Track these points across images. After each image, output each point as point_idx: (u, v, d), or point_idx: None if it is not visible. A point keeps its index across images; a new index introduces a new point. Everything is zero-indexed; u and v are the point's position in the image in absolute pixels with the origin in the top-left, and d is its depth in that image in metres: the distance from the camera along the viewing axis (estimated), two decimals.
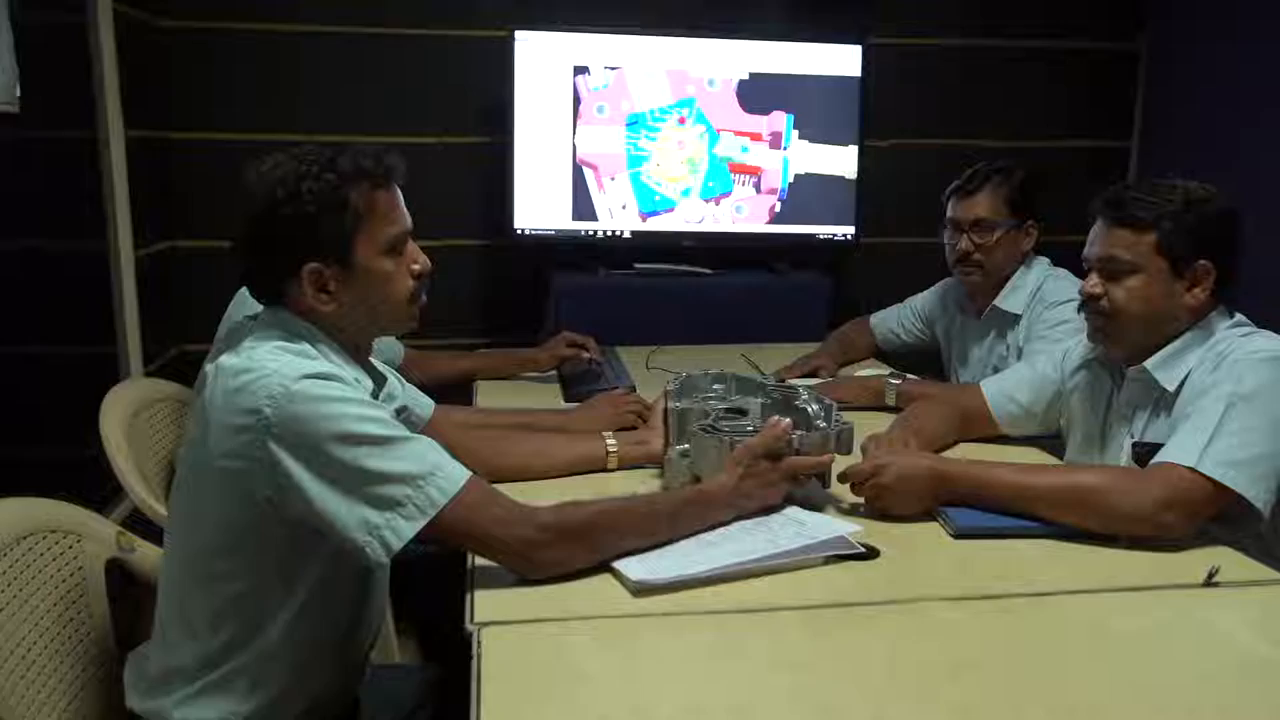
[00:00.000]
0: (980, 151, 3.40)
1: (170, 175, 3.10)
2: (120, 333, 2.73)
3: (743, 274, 3.14)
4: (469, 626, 1.15)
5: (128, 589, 1.55)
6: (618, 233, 3.10)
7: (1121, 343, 1.62)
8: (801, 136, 3.14)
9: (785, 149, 3.14)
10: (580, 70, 3.03)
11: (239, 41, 3.08)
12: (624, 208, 3.10)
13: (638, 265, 3.07)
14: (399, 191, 1.33)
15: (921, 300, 2.61)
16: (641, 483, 1.66)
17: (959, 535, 1.43)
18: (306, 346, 1.28)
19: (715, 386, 1.81)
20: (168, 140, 3.09)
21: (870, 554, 1.35)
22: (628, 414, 1.89)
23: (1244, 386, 1.44)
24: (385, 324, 1.38)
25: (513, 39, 2.97)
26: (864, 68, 3.14)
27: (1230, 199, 1.60)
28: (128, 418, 2.00)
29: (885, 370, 2.44)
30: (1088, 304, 1.63)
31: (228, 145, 3.11)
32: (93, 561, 1.46)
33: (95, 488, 2.36)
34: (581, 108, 3.04)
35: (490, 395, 2.24)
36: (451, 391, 2.14)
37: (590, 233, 3.08)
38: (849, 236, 3.21)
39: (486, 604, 1.20)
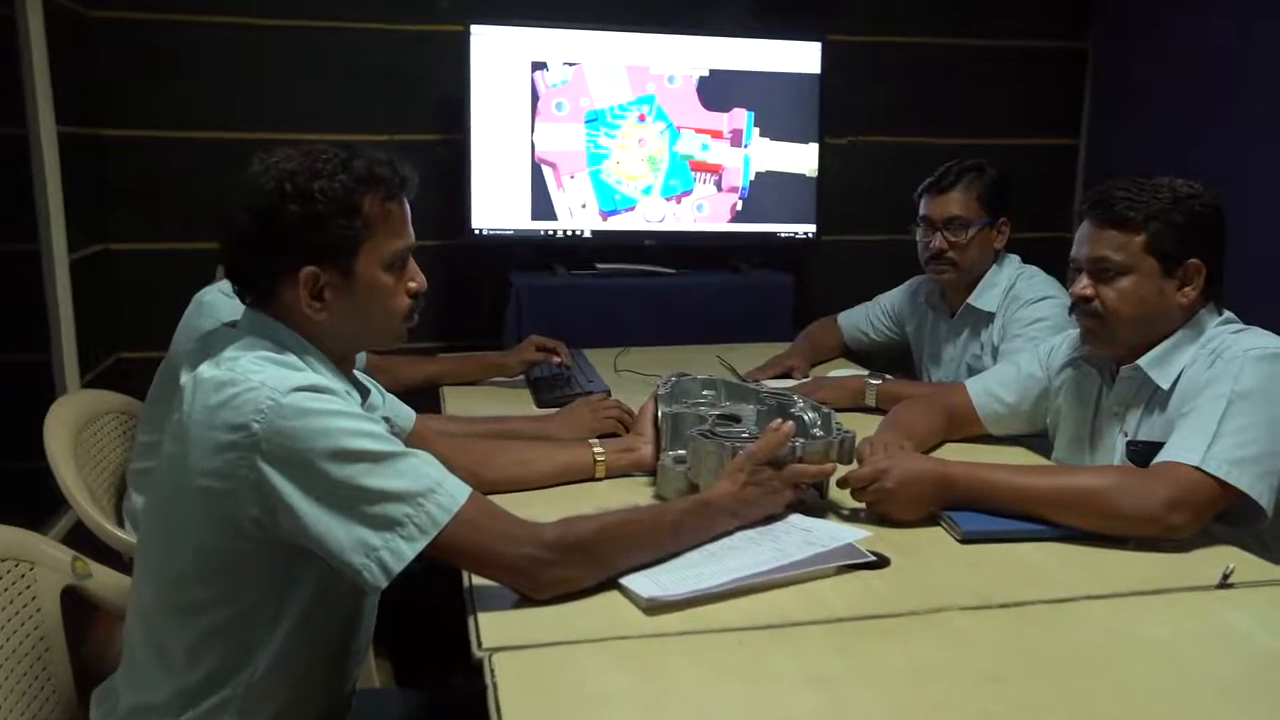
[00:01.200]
0: (934, 149, 3.44)
1: (104, 174, 2.95)
2: (55, 340, 2.59)
3: (705, 273, 3.11)
4: (477, 652, 1.08)
5: (86, 618, 1.45)
6: (578, 232, 3.04)
7: (1115, 344, 1.61)
8: (763, 134, 3.11)
9: (746, 146, 3.11)
10: (538, 66, 2.96)
11: (177, 34, 2.94)
12: (584, 207, 3.04)
13: (599, 265, 3.01)
14: (408, 205, 1.26)
15: (890, 299, 2.59)
16: (631, 491, 1.60)
17: (966, 540, 1.40)
18: (293, 358, 1.20)
19: (705, 392, 1.77)
20: (100, 137, 2.94)
21: (881, 562, 1.32)
22: (608, 419, 1.84)
23: (1241, 384, 1.44)
24: (374, 339, 1.31)
25: (468, 33, 2.89)
26: (824, 64, 3.12)
27: (1216, 196, 1.60)
28: (73, 434, 1.89)
29: (859, 370, 2.42)
30: (1079, 306, 1.62)
31: (165, 143, 2.98)
32: (47, 590, 1.37)
33: (35, 503, 2.23)
34: (540, 105, 2.97)
35: (458, 402, 2.16)
36: (416, 398, 2.06)
37: (550, 232, 3.01)
38: (810, 234, 3.19)
39: (492, 628, 1.13)
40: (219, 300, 1.78)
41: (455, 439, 1.61)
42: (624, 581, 1.22)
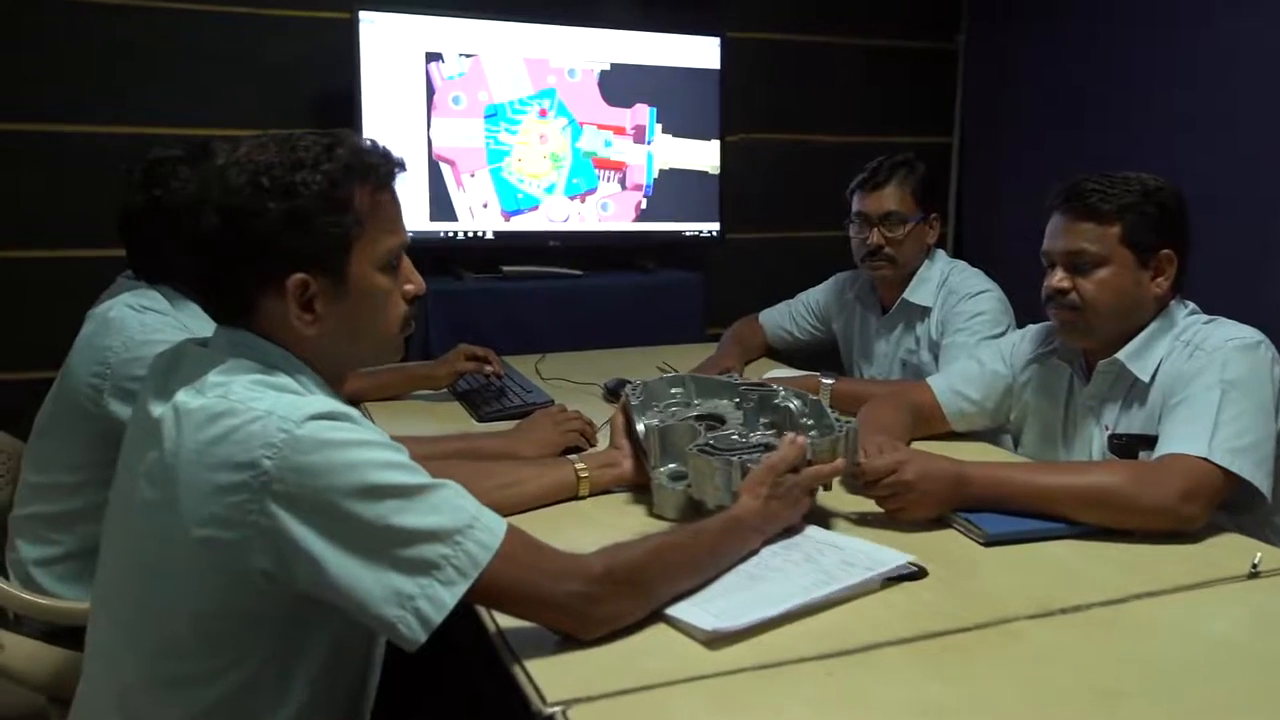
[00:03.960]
0: (823, 147, 3.48)
1: None
2: None
3: (613, 274, 3.02)
4: (545, 709, 0.95)
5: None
6: (479, 234, 2.88)
7: (1093, 336, 1.62)
8: (665, 130, 3.04)
9: (649, 143, 3.03)
10: (433, 58, 2.78)
11: (22, 13, 2.59)
12: (485, 206, 2.88)
13: (504, 268, 2.86)
14: (398, 196, 1.11)
15: (814, 296, 2.56)
16: (619, 510, 1.50)
17: (990, 543, 1.36)
18: (286, 379, 1.03)
19: (674, 391, 1.67)
20: None
21: (920, 573, 1.26)
22: (570, 432, 1.72)
23: (1229, 374, 1.46)
24: (369, 353, 1.15)
25: (357, 20, 2.68)
26: (723, 60, 3.08)
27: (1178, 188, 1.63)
28: None
29: (788, 370, 2.39)
30: (1055, 299, 1.62)
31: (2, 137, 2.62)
32: None
33: None
34: (435, 98, 2.79)
35: (385, 420, 1.95)
36: None
37: (450, 234, 2.84)
38: (714, 233, 3.14)
39: (550, 678, 1.00)
40: (152, 320, 1.56)
41: (434, 463, 1.44)
42: (673, 613, 1.11)
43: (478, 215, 2.86)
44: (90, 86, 2.66)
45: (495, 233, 2.89)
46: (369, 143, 1.09)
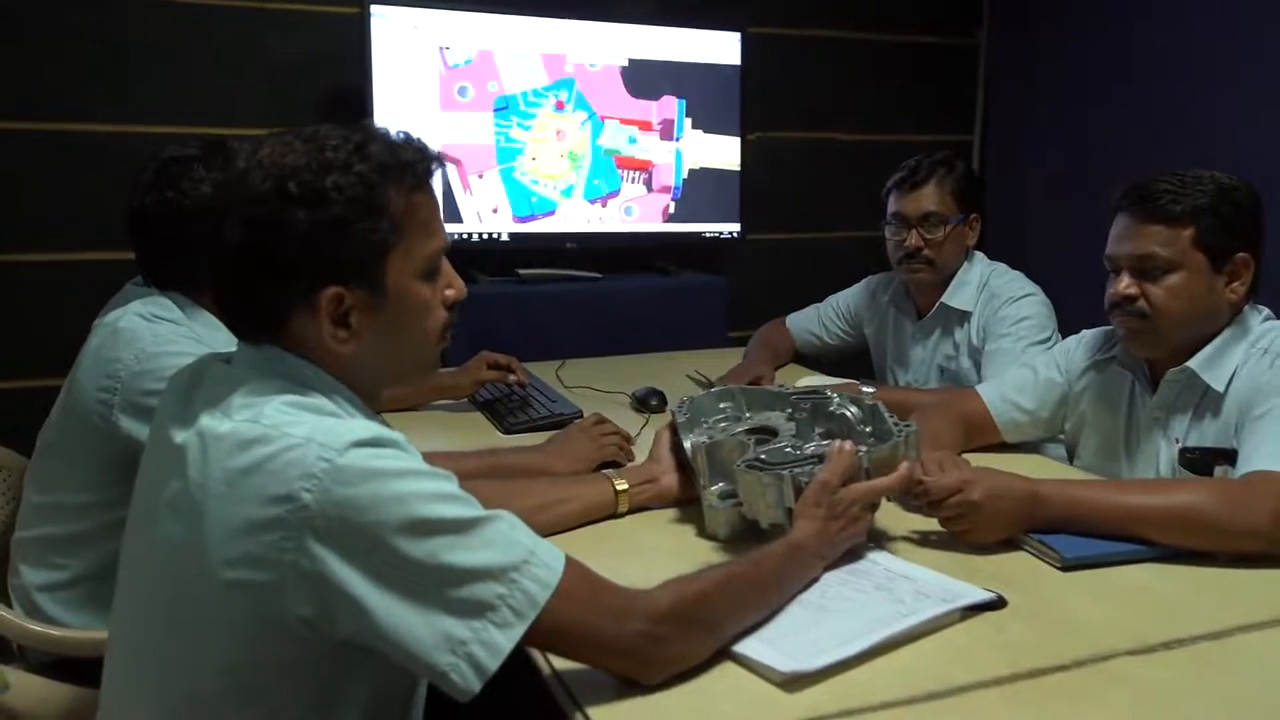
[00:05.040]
0: (836, 145, 3.39)
1: None
2: None
3: (633, 277, 2.92)
4: None
5: None
6: (493, 235, 2.78)
7: (1161, 345, 1.53)
8: (695, 125, 2.93)
9: (678, 140, 2.92)
10: (445, 50, 2.67)
11: (20, 7, 2.49)
12: (495, 211, 2.76)
13: (520, 271, 2.76)
14: (435, 194, 1.01)
15: (844, 299, 2.47)
16: (660, 528, 1.41)
17: (1067, 568, 1.27)
18: (322, 399, 0.93)
19: (723, 405, 1.58)
20: None
21: (1000, 602, 1.17)
22: (609, 446, 1.62)
23: None
24: (406, 369, 1.06)
25: (368, 14, 2.58)
26: (744, 56, 2.98)
27: (1253, 187, 1.54)
28: None
29: (820, 377, 2.30)
30: (1121, 306, 1.52)
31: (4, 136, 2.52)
32: None
33: None
34: (441, 89, 2.68)
35: (404, 432, 1.84)
36: None
37: (462, 235, 2.74)
38: (734, 234, 3.05)
39: None
40: (165, 331, 1.46)
41: (464, 483, 1.35)
42: (743, 651, 1.02)
43: (486, 220, 2.76)
44: (90, 84, 2.56)
45: (510, 234, 2.80)
46: (402, 136, 1.00)
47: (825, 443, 1.42)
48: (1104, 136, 3.12)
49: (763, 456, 1.35)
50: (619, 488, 1.44)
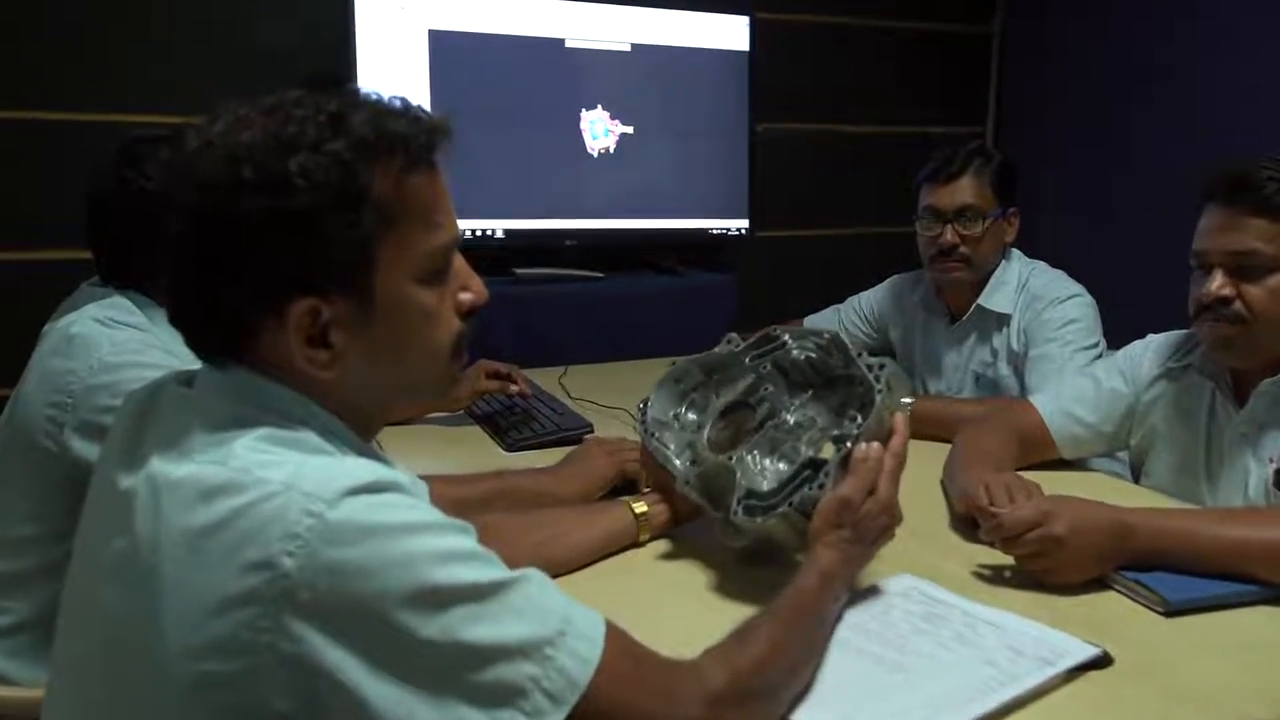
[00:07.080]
0: (845, 135, 3.23)
1: None
2: None
3: (637, 277, 2.74)
4: None
5: None
6: (488, 233, 2.60)
7: (1258, 353, 1.36)
8: (693, 116, 2.76)
9: (676, 131, 2.75)
10: (436, 35, 2.49)
11: None
12: (488, 207, 2.58)
13: (518, 271, 2.58)
14: (443, 175, 0.82)
15: (867, 300, 2.30)
16: (672, 554, 1.26)
17: (1172, 613, 1.10)
18: (306, 433, 0.75)
19: (684, 391, 1.39)
20: None
21: (1105, 659, 0.99)
22: (629, 462, 1.44)
23: None
24: (411, 393, 0.86)
25: None
26: (752, 41, 2.81)
27: None
28: None
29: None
30: (1213, 309, 1.36)
31: None
32: None
33: None
34: (431, 77, 2.50)
35: (397, 447, 1.63)
36: None
37: None
38: (743, 230, 2.87)
39: None
40: (126, 338, 1.28)
41: (471, 512, 1.17)
42: None
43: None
44: (65, 70, 2.36)
45: (505, 231, 2.61)
46: (397, 103, 0.80)
47: (812, 406, 1.25)
48: (1126, 130, 2.98)
49: (760, 495, 1.17)
50: (639, 513, 1.27)
